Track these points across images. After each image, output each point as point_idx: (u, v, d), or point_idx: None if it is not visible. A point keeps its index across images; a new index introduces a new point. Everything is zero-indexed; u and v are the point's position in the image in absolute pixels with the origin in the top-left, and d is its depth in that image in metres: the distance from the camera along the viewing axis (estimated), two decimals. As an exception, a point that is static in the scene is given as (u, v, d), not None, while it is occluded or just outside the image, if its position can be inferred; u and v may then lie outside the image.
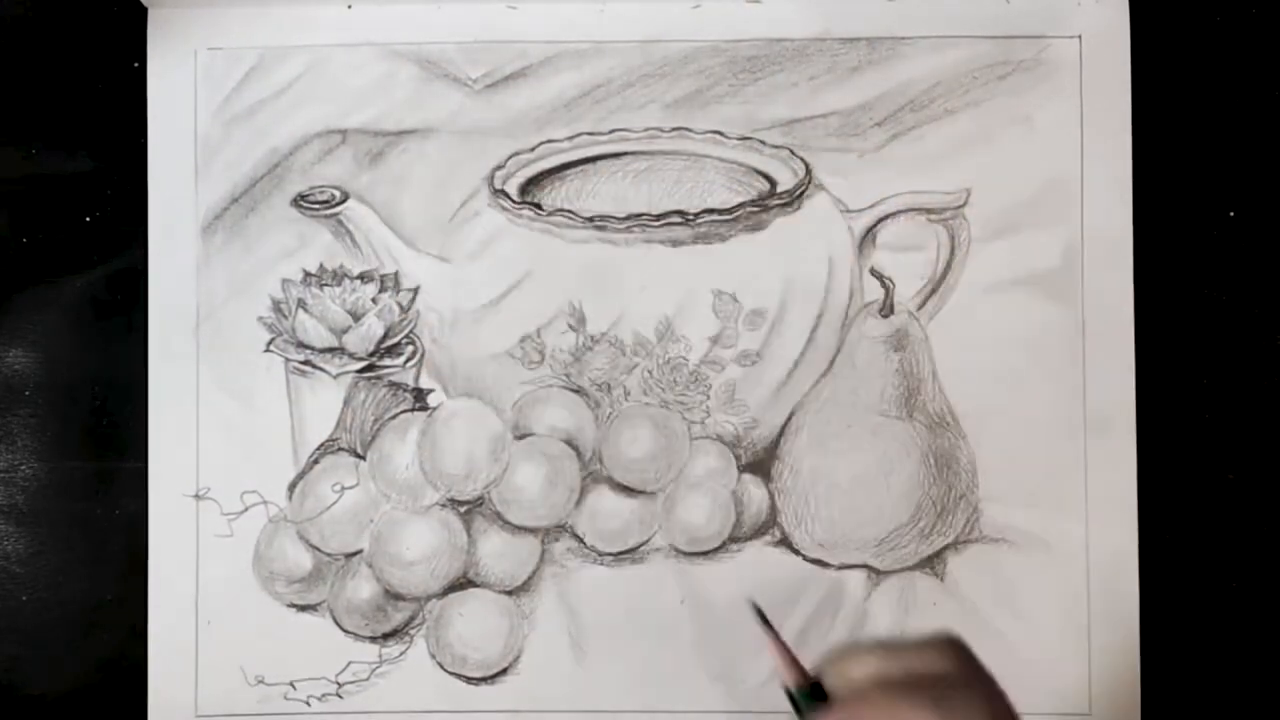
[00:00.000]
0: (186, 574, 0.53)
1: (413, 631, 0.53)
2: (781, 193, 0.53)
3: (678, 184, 0.54)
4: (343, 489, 0.53)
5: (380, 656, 0.53)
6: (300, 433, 0.53)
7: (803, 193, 0.53)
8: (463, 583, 0.53)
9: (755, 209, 0.53)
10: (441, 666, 0.53)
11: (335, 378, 0.53)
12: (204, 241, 0.53)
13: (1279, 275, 0.54)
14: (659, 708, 0.53)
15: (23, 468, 0.54)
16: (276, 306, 0.53)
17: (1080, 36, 0.53)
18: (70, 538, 0.54)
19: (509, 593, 0.53)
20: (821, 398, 0.53)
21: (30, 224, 0.54)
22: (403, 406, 0.53)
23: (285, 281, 0.53)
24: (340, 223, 0.53)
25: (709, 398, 0.53)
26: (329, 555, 0.53)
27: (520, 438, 0.53)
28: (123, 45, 0.54)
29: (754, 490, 0.54)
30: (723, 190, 0.54)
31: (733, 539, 0.53)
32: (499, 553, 0.53)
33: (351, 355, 0.53)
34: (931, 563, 0.53)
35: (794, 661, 0.41)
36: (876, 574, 0.53)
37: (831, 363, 0.53)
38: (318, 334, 0.53)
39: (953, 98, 0.53)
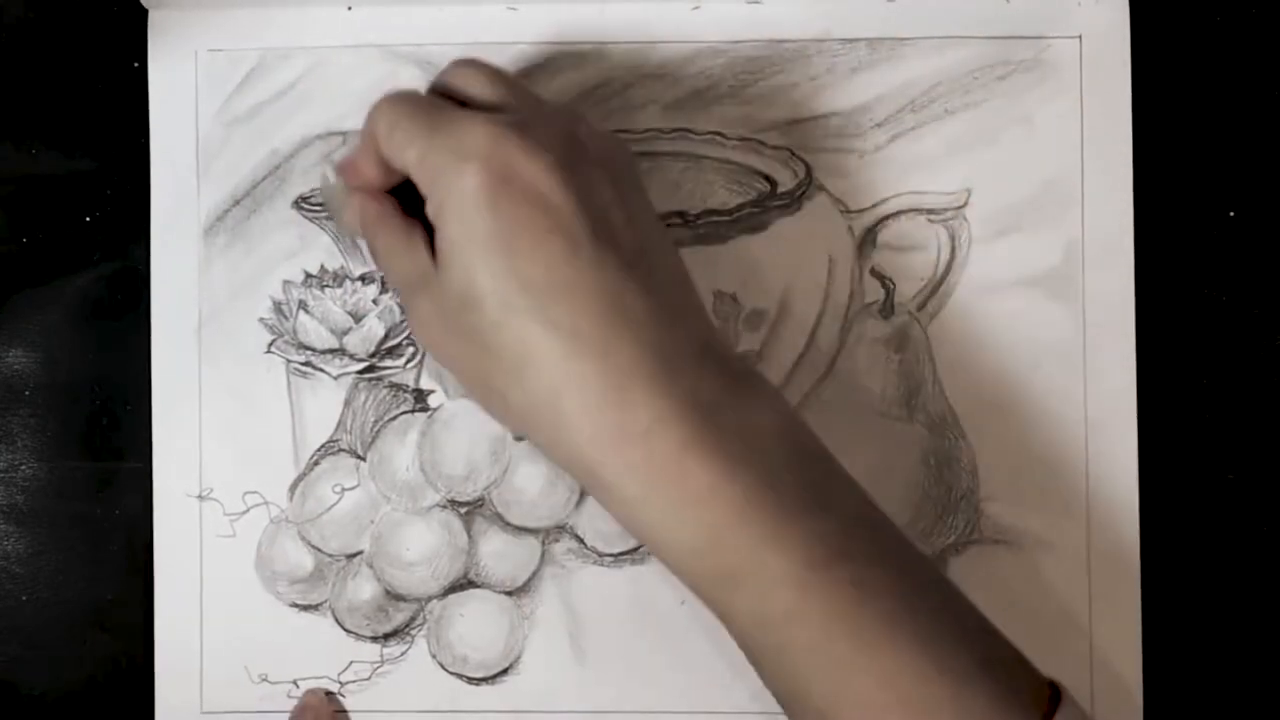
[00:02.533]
0: (190, 574, 0.53)
1: (414, 632, 0.53)
2: (782, 193, 0.53)
3: (678, 185, 0.54)
4: (343, 490, 0.53)
5: (382, 656, 0.53)
6: (301, 434, 0.53)
7: (803, 193, 0.53)
8: (463, 583, 0.53)
9: (755, 210, 0.53)
10: (442, 666, 0.53)
11: (336, 379, 0.53)
12: (206, 243, 0.53)
13: (1279, 275, 0.54)
14: (659, 708, 0.53)
15: (23, 468, 0.54)
16: (278, 308, 0.53)
17: (1080, 36, 0.53)
18: (70, 538, 0.54)
19: (510, 593, 0.53)
20: (822, 398, 0.53)
21: (30, 224, 0.54)
22: (403, 407, 0.53)
23: (286, 283, 0.53)
24: (341, 224, 0.53)
25: (709, 398, 0.53)
26: (330, 556, 0.53)
27: (520, 439, 0.53)
28: (123, 45, 0.54)
29: (754, 490, 0.54)
30: (723, 191, 0.54)
31: (733, 539, 0.53)
32: (499, 553, 0.53)
33: (352, 356, 0.53)
34: (932, 563, 0.53)
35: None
36: (877, 574, 0.53)
37: (832, 363, 0.53)
38: (319, 335, 0.53)
39: (953, 98, 0.53)
